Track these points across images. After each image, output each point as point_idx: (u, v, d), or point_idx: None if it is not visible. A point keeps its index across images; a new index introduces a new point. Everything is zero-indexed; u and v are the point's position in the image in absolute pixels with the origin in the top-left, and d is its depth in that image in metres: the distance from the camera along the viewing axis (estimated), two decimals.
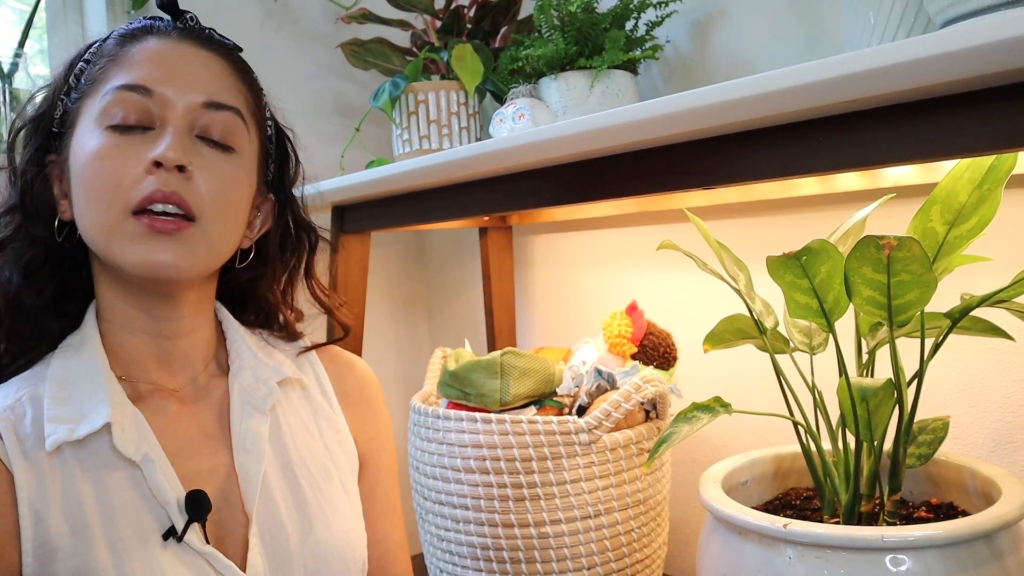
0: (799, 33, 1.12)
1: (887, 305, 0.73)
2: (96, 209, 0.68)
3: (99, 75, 0.71)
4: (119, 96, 0.69)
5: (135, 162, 0.68)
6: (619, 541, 1.04)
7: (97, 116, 0.69)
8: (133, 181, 0.67)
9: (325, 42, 1.71)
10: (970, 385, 1.01)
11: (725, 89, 0.67)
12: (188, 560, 0.67)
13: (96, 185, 0.68)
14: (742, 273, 0.89)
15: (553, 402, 1.10)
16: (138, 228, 0.67)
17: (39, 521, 0.64)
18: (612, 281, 1.45)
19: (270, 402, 0.77)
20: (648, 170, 0.85)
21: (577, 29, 1.14)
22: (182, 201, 0.68)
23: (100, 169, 0.68)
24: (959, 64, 0.53)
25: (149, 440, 0.70)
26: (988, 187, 0.74)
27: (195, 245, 0.70)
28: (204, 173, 0.70)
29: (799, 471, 0.96)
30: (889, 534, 0.70)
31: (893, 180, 0.99)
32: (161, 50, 0.72)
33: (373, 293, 1.73)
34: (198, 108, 0.71)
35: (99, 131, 0.69)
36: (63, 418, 0.67)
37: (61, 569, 0.64)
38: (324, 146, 1.60)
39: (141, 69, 0.70)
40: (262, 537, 0.72)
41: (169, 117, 0.70)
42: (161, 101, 0.70)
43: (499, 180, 1.05)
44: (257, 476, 0.73)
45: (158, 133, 0.69)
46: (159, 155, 0.67)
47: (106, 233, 0.68)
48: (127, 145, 0.68)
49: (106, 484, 0.67)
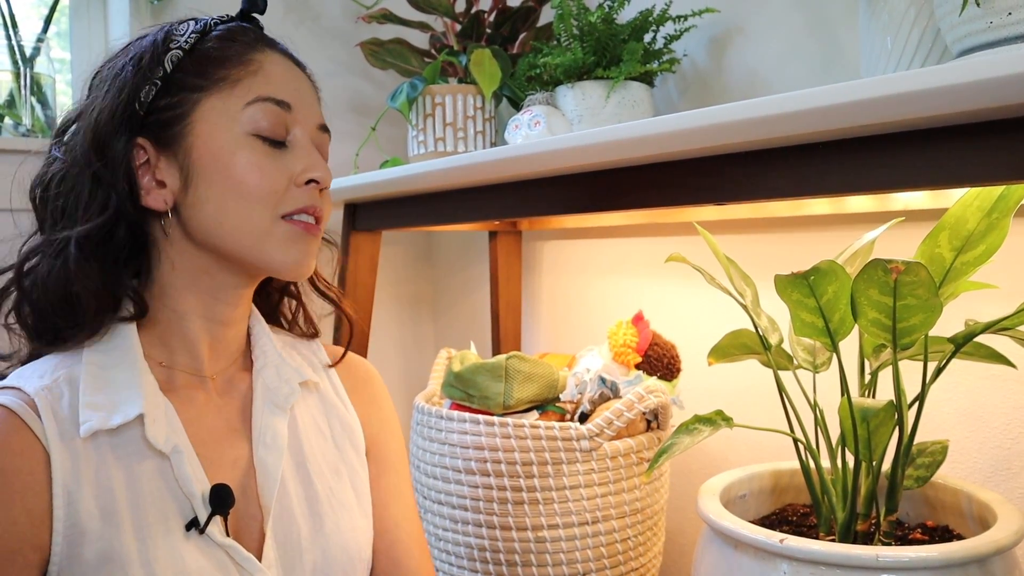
0: (816, 53, 1.12)
1: (892, 328, 0.74)
2: (246, 212, 0.73)
3: (226, 75, 0.73)
4: (268, 108, 0.73)
5: (284, 173, 0.74)
6: (615, 549, 1.05)
7: (241, 120, 0.73)
8: (284, 190, 0.74)
9: (344, 40, 1.72)
10: (971, 410, 1.01)
11: (742, 108, 0.68)
12: (208, 551, 0.69)
13: (255, 192, 0.73)
14: (749, 289, 0.90)
15: (556, 408, 1.11)
16: (293, 230, 0.74)
17: (71, 503, 0.66)
18: (619, 290, 1.46)
19: (291, 402, 0.80)
20: (661, 184, 0.85)
21: (596, 39, 1.15)
22: (321, 214, 0.77)
23: (259, 178, 0.73)
24: (975, 95, 0.54)
25: (178, 432, 0.72)
26: (997, 216, 0.75)
27: (318, 245, 0.78)
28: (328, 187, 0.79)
29: (797, 487, 0.97)
30: (884, 554, 0.70)
31: (903, 203, 1.00)
32: (288, 67, 0.77)
33: (380, 291, 1.74)
34: (315, 128, 0.78)
35: (247, 137, 0.73)
36: (98, 405, 0.69)
37: (88, 551, 0.66)
38: (339, 144, 1.59)
39: (279, 83, 0.75)
40: (275, 531, 0.74)
41: (299, 133, 0.76)
42: (295, 120, 0.75)
43: (512, 186, 1.06)
44: (276, 472, 0.75)
45: (293, 147, 0.75)
46: (319, 176, 0.75)
47: (256, 236, 0.73)
48: (276, 157, 0.74)
49: (136, 472, 0.69)
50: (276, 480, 0.75)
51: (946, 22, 0.69)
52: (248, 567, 0.71)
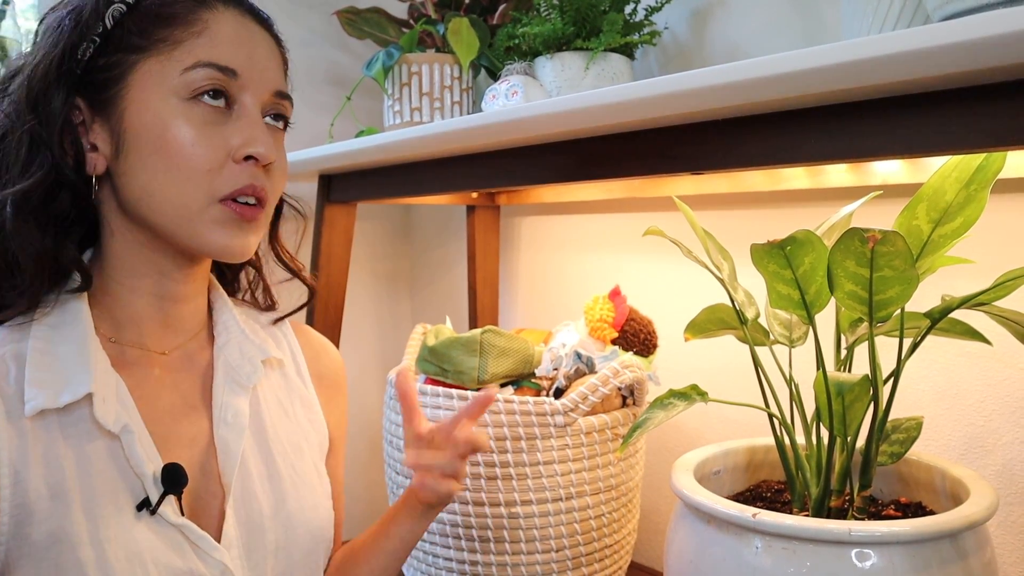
0: (797, 25, 1.11)
1: (868, 300, 0.73)
2: (178, 189, 0.68)
3: (166, 35, 0.68)
4: (209, 74, 0.68)
5: (221, 146, 0.69)
6: (589, 525, 1.04)
7: (176, 87, 0.67)
8: (220, 167, 0.68)
9: (321, 10, 1.69)
10: (946, 387, 1.01)
11: (721, 72, 0.67)
12: (161, 531, 0.67)
13: (182, 165, 0.67)
14: (726, 262, 0.89)
15: (531, 383, 1.10)
16: (226, 214, 0.69)
17: (18, 481, 0.64)
18: (597, 266, 1.45)
19: (254, 381, 0.78)
20: (637, 153, 0.84)
21: (576, 10, 1.13)
22: (265, 194, 0.71)
23: (190, 152, 0.67)
24: (954, 57, 0.53)
25: (129, 410, 0.69)
26: (975, 187, 0.74)
27: (260, 227, 0.73)
28: (276, 161, 0.73)
29: (772, 464, 0.97)
30: (856, 528, 0.70)
31: (882, 178, 0.99)
32: (239, 27, 0.71)
33: (357, 267, 1.72)
34: (270, 95, 0.72)
35: (179, 104, 0.68)
36: (45, 382, 0.66)
37: (36, 531, 0.63)
38: (314, 114, 1.58)
39: (227, 48, 0.69)
40: (236, 510, 0.72)
41: (246, 101, 0.70)
42: (242, 86, 0.70)
43: (489, 156, 1.04)
44: (237, 450, 0.74)
45: (237, 117, 0.70)
46: (258, 152, 0.69)
47: (187, 216, 0.69)
48: (211, 125, 0.68)
49: (86, 452, 0.67)
50: (237, 458, 0.73)
51: None
52: (203, 546, 0.69)
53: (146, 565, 0.65)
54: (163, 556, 0.66)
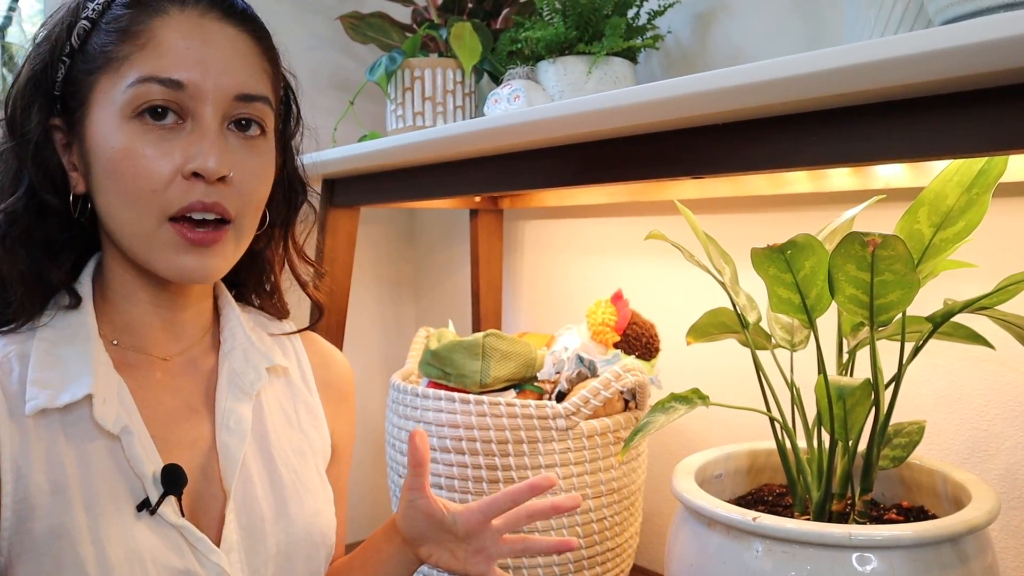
0: (800, 29, 1.11)
1: (869, 304, 0.73)
2: (129, 212, 0.66)
3: (115, 52, 0.65)
4: (147, 89, 0.64)
5: (168, 161, 0.65)
6: (591, 528, 1.04)
7: (120, 105, 0.65)
8: (168, 184, 0.65)
9: (326, 14, 1.69)
10: (948, 391, 1.01)
11: (723, 76, 0.67)
12: (161, 531, 0.68)
13: (130, 187, 0.65)
14: (728, 266, 0.89)
15: (533, 387, 1.10)
16: (175, 238, 0.66)
17: (20, 477, 0.64)
18: (599, 269, 1.45)
19: (257, 388, 0.78)
20: (639, 157, 0.84)
21: (578, 14, 1.14)
22: (223, 209, 0.67)
23: (133, 171, 0.64)
24: (956, 61, 0.53)
25: (130, 411, 0.69)
26: (977, 191, 0.74)
27: (227, 247, 0.69)
28: (240, 173, 0.68)
29: (773, 467, 0.97)
30: (857, 532, 0.70)
31: (884, 182, 0.99)
32: (187, 30, 0.66)
33: (361, 271, 1.72)
34: (230, 101, 0.67)
35: (125, 123, 0.65)
36: (46, 382, 0.67)
37: (38, 527, 0.64)
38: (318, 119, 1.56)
39: (169, 58, 0.65)
40: (238, 514, 0.73)
41: (201, 112, 0.66)
42: (195, 95, 0.65)
43: (492, 160, 1.04)
44: (238, 455, 0.74)
45: (190, 129, 0.66)
46: (200, 167, 0.65)
47: (141, 238, 0.67)
48: (158, 142, 0.65)
49: (87, 452, 0.67)
50: (238, 462, 0.73)
51: None
52: (201, 548, 0.69)
53: (145, 564, 0.65)
54: (162, 556, 0.67)
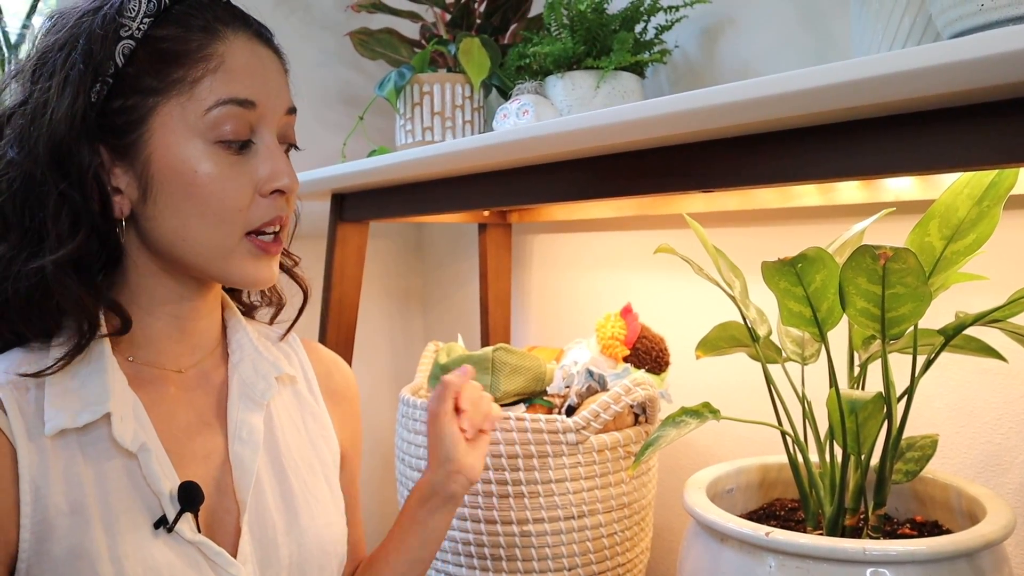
0: (808, 43, 1.11)
1: (880, 317, 0.72)
2: (212, 231, 0.69)
3: (183, 75, 0.67)
4: (231, 112, 0.68)
5: (249, 181, 0.70)
6: (602, 543, 1.04)
7: (201, 129, 0.67)
8: (249, 202, 0.70)
9: (335, 30, 1.70)
10: (961, 405, 1.00)
11: (731, 90, 0.67)
12: (179, 548, 0.68)
13: (215, 208, 0.69)
14: (738, 280, 0.88)
15: (543, 401, 1.10)
16: (254, 249, 0.71)
17: (39, 498, 0.65)
18: (608, 283, 1.45)
19: (268, 397, 0.78)
20: (648, 171, 0.84)
21: (586, 29, 1.14)
22: (285, 222, 0.74)
23: (220, 193, 0.68)
24: (965, 74, 0.53)
25: (146, 428, 0.70)
26: (988, 204, 0.74)
27: (279, 252, 0.75)
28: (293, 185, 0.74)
29: (785, 482, 0.96)
30: (871, 547, 0.69)
31: (894, 195, 0.99)
32: (251, 54, 0.70)
33: (369, 285, 1.73)
34: (283, 116, 0.73)
35: (208, 147, 0.68)
36: (64, 403, 0.67)
37: (57, 547, 0.64)
38: (328, 134, 1.60)
39: (246, 78, 0.69)
40: (251, 526, 0.73)
41: (266, 131, 0.71)
42: (260, 114, 0.70)
43: (500, 174, 1.04)
44: (252, 467, 0.74)
45: (258, 150, 0.70)
46: (284, 187, 0.71)
47: (220, 253, 0.70)
48: (238, 164, 0.69)
49: (104, 470, 0.67)
50: (252, 474, 0.74)
51: (936, 6, 0.67)
52: (220, 562, 0.69)
53: None
54: (180, 572, 0.67)
